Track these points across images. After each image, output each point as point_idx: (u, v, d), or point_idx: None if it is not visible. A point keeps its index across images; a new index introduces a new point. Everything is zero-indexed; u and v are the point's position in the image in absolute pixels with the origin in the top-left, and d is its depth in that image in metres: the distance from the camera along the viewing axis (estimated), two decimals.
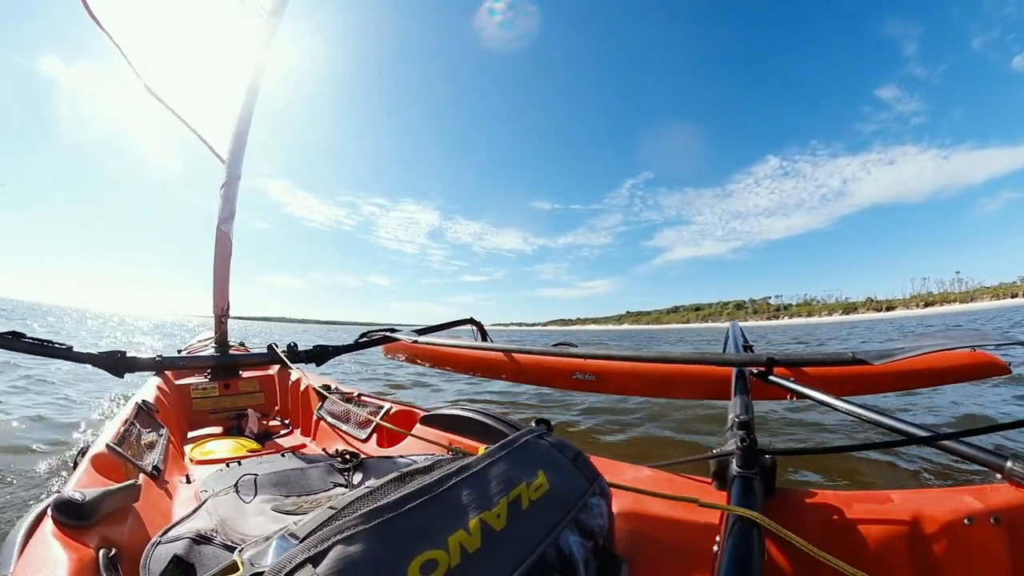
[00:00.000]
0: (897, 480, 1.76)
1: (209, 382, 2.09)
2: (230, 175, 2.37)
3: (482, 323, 3.22)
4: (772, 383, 1.13)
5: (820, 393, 0.95)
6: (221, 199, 2.36)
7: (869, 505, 0.66)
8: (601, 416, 2.93)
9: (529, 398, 3.51)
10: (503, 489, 0.49)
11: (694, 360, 1.42)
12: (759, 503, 0.63)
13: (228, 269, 2.41)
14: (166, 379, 1.97)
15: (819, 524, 0.65)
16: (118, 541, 0.61)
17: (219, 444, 1.51)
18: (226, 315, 2.43)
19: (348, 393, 1.63)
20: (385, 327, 2.91)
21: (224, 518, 0.66)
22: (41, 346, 1.87)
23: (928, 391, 3.00)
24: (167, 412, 1.57)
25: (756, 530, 0.56)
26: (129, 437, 1.06)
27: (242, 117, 2.40)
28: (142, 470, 0.97)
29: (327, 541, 0.37)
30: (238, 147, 2.39)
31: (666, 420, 2.75)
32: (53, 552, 0.52)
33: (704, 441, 2.38)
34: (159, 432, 1.24)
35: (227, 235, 2.36)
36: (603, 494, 0.60)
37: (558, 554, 0.48)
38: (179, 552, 0.57)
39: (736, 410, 0.93)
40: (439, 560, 0.39)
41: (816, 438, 2.28)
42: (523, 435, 0.61)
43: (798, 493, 0.71)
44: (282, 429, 1.84)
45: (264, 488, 0.83)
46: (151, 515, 0.79)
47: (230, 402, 2.07)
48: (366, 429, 1.41)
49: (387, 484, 0.47)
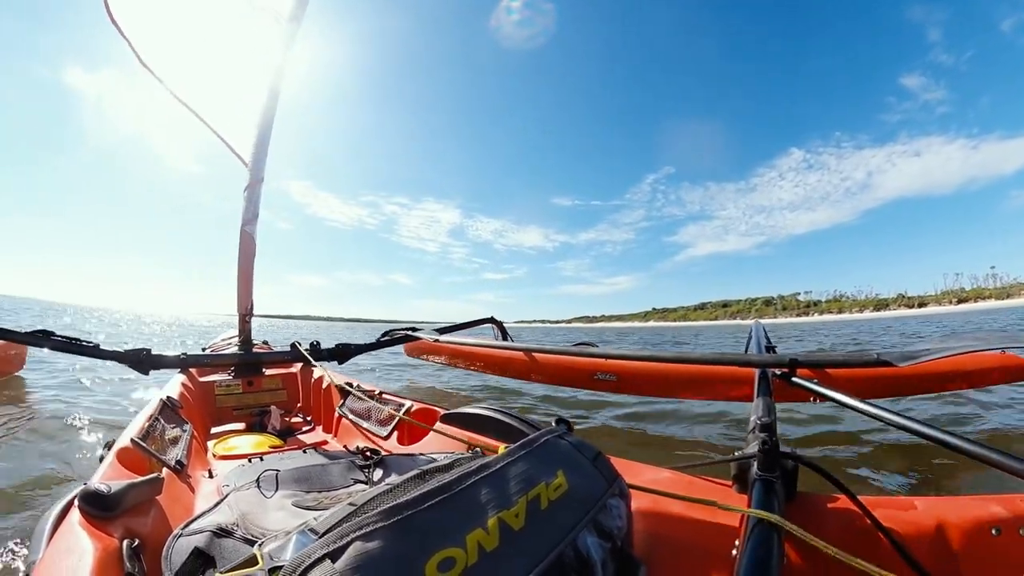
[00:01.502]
0: (921, 485, 1.70)
1: (233, 379, 2.13)
2: (253, 177, 2.42)
3: (502, 322, 3.23)
4: (795, 385, 1.11)
5: (844, 395, 0.92)
6: (244, 201, 2.40)
7: (892, 511, 0.64)
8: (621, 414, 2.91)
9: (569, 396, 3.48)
10: (522, 489, 0.49)
11: (716, 361, 1.40)
12: (780, 507, 0.62)
13: (252, 270, 2.46)
14: (190, 376, 2.01)
15: (840, 529, 0.64)
16: (141, 532, 0.62)
17: (242, 440, 1.53)
18: (250, 314, 2.48)
19: (370, 391, 1.64)
20: (407, 326, 2.94)
21: (245, 512, 0.66)
22: (69, 344, 1.95)
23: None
24: (191, 408, 1.60)
25: (776, 534, 0.55)
26: (153, 432, 1.08)
27: (264, 120, 2.44)
28: (165, 464, 0.99)
29: (346, 537, 0.37)
30: (260, 150, 2.44)
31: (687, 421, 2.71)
32: (79, 541, 0.53)
33: (725, 443, 2.33)
34: (183, 428, 1.27)
35: (251, 236, 2.40)
36: (622, 495, 0.59)
37: (576, 555, 0.48)
38: (200, 544, 0.58)
39: (758, 412, 0.92)
40: (457, 558, 0.39)
41: (838, 441, 2.22)
42: (543, 435, 0.61)
43: (820, 497, 0.70)
44: (304, 426, 1.87)
45: (285, 483, 0.84)
46: (174, 508, 0.81)
47: (253, 399, 2.10)
48: (387, 427, 1.42)
49: (407, 481, 0.48)
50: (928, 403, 2.76)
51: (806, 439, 2.30)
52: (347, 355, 2.55)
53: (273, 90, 2.43)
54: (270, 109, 2.45)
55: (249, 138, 2.46)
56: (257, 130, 2.44)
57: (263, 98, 2.44)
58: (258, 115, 2.45)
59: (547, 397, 3.51)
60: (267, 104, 2.43)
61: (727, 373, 1.87)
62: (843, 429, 2.36)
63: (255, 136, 2.44)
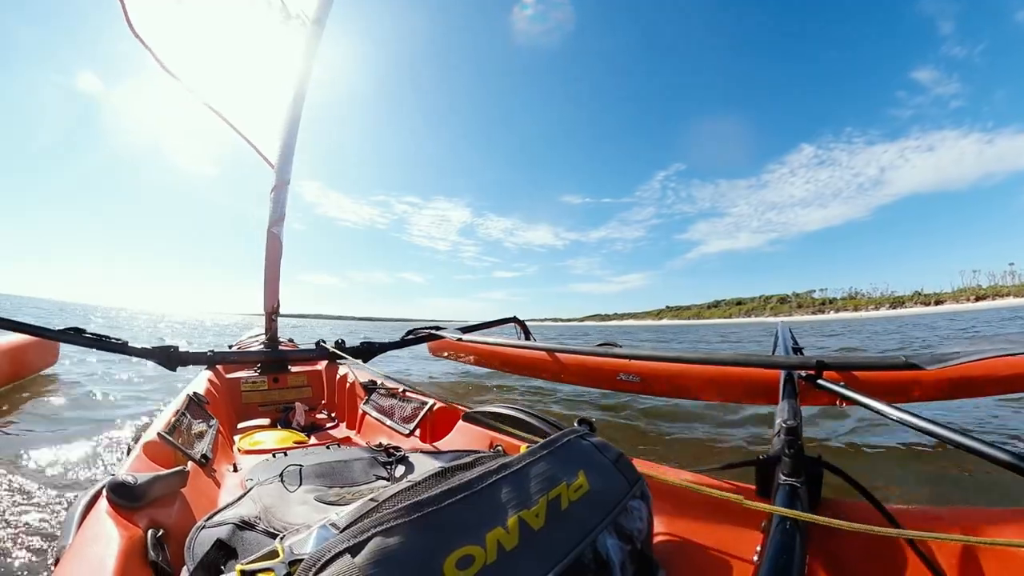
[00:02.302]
0: (951, 495, 1.63)
1: (259, 376, 2.17)
2: (279, 179, 2.47)
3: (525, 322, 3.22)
4: (821, 387, 1.09)
5: (871, 399, 0.90)
6: (271, 203, 2.46)
7: (920, 521, 0.62)
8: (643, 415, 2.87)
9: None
10: (543, 488, 0.49)
11: (741, 362, 1.37)
12: (803, 511, 0.60)
13: (278, 270, 2.51)
14: (217, 373, 2.06)
15: (865, 537, 0.61)
16: (166, 523, 0.64)
17: (266, 435, 1.56)
18: (276, 313, 2.53)
19: (393, 389, 1.66)
20: (430, 324, 2.96)
21: (268, 506, 0.67)
22: (99, 341, 2.02)
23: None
24: (217, 404, 1.64)
25: (799, 540, 0.54)
26: (180, 426, 1.11)
27: (290, 123, 2.49)
28: (191, 458, 1.01)
29: (367, 532, 0.37)
30: (287, 152, 2.49)
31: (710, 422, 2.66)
32: (106, 529, 0.56)
33: (749, 446, 2.28)
34: (209, 423, 1.30)
35: (277, 237, 2.45)
36: (644, 497, 0.59)
37: (595, 556, 0.48)
38: (222, 536, 0.59)
39: (784, 415, 0.90)
40: (476, 556, 0.39)
41: (864, 446, 2.14)
42: (565, 435, 0.61)
43: (844, 503, 0.69)
44: (328, 422, 1.89)
45: (308, 478, 0.85)
46: (198, 500, 0.83)
47: (279, 395, 2.14)
48: (410, 424, 1.42)
49: (428, 479, 0.48)
50: (982, 408, 2.64)
51: (831, 442, 2.22)
52: (372, 353, 2.58)
53: (298, 93, 2.48)
54: (295, 112, 2.50)
55: (275, 140, 2.51)
56: (283, 133, 2.49)
57: (288, 101, 2.49)
58: (284, 118, 2.50)
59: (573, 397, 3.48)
60: (292, 107, 2.48)
61: (752, 375, 1.83)
62: (870, 434, 2.28)
63: (281, 139, 2.49)
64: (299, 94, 2.48)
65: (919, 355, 1.03)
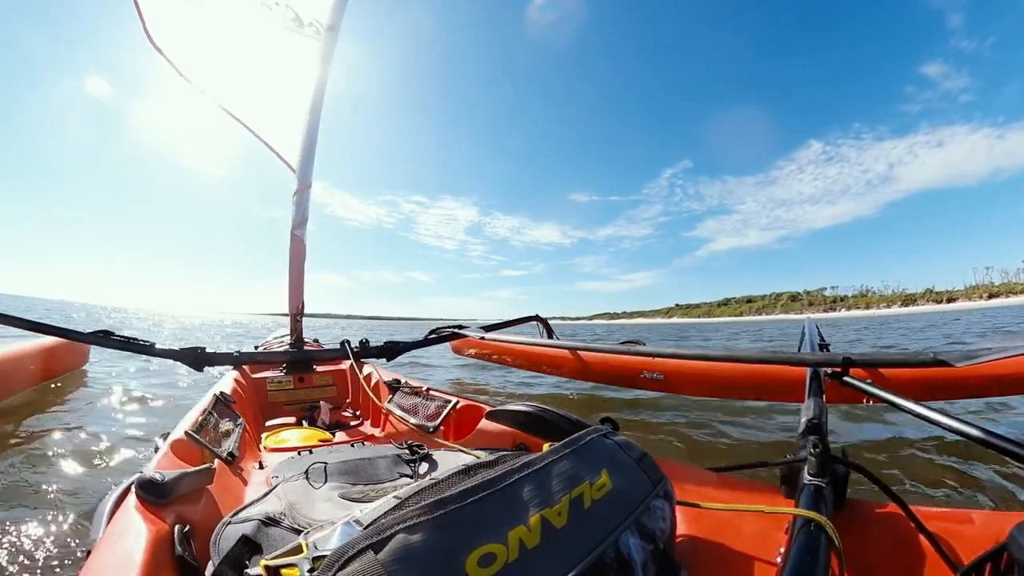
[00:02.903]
0: (981, 497, 1.55)
1: (284, 376, 2.21)
2: (300, 183, 2.51)
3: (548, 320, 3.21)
4: (848, 385, 1.06)
5: (898, 397, 0.87)
6: (293, 206, 2.51)
7: (947, 524, 0.60)
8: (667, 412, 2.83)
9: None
10: (565, 487, 0.49)
11: (766, 359, 1.35)
12: (828, 513, 0.59)
13: (303, 271, 2.55)
14: (243, 373, 2.10)
15: (891, 540, 0.61)
16: (192, 519, 0.66)
17: (292, 433, 1.58)
18: (301, 314, 2.57)
19: (417, 387, 1.67)
20: (454, 324, 2.98)
21: (293, 502, 0.68)
22: (127, 343, 2.09)
23: None
24: (243, 403, 1.67)
25: (823, 540, 0.53)
26: (207, 425, 1.14)
27: (309, 127, 2.53)
28: (217, 456, 1.03)
29: (390, 529, 0.37)
30: (307, 156, 2.53)
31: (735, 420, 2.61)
32: (135, 524, 0.58)
33: (774, 444, 2.23)
34: (235, 421, 1.32)
35: (300, 239, 2.50)
36: (667, 497, 0.58)
37: (617, 556, 0.47)
38: (248, 532, 0.60)
39: (809, 413, 0.89)
40: (497, 554, 0.39)
41: (891, 445, 2.07)
42: (588, 434, 0.60)
43: (870, 505, 0.68)
44: (353, 420, 1.92)
45: (333, 476, 0.86)
46: (224, 497, 0.85)
47: (304, 394, 2.18)
48: (433, 422, 1.43)
49: (451, 477, 0.48)
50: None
51: (857, 441, 2.16)
52: (395, 352, 2.61)
53: (316, 99, 2.52)
54: (314, 117, 2.54)
55: (295, 146, 2.56)
56: (303, 137, 2.54)
57: (306, 107, 2.53)
58: (303, 123, 2.54)
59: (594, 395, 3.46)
60: (311, 112, 2.53)
61: (778, 373, 1.79)
62: (898, 432, 2.20)
63: (301, 143, 2.53)
64: (317, 99, 2.52)
65: (948, 352, 1.00)
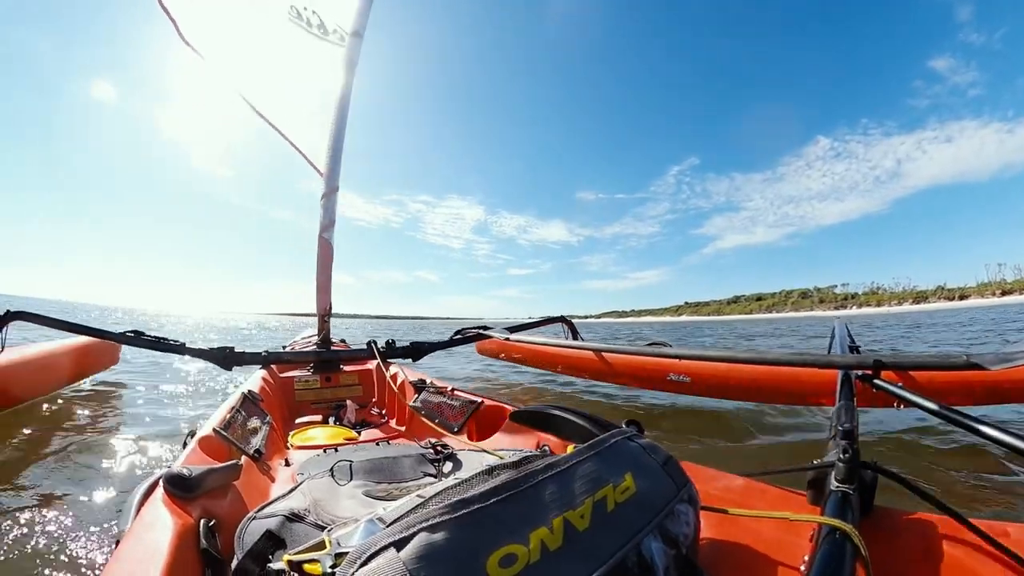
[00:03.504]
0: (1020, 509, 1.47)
1: (312, 375, 2.26)
2: (328, 187, 2.57)
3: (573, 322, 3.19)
4: (879, 388, 1.03)
5: (930, 402, 0.84)
6: (321, 209, 2.56)
7: (980, 536, 0.57)
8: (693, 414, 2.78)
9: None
10: (589, 489, 0.48)
11: (795, 362, 1.32)
12: (855, 520, 0.57)
13: (330, 273, 2.60)
14: (271, 372, 2.16)
15: (919, 551, 0.58)
16: (218, 513, 0.68)
17: (318, 432, 1.61)
18: (328, 315, 2.62)
19: (442, 387, 1.68)
20: (478, 324, 2.99)
21: (318, 499, 0.69)
22: (158, 343, 2.17)
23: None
24: (271, 402, 1.71)
25: (849, 549, 0.51)
26: (234, 423, 1.17)
27: (336, 132, 2.58)
28: (244, 452, 1.06)
29: (412, 528, 0.37)
30: (334, 160, 2.58)
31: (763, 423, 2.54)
32: (162, 516, 0.60)
33: (803, 448, 2.16)
34: (263, 419, 1.35)
35: (328, 242, 2.55)
36: (691, 501, 0.57)
37: (639, 560, 0.47)
38: (272, 527, 0.61)
39: (839, 417, 0.86)
40: (519, 555, 0.39)
41: (921, 451, 1.97)
42: (613, 436, 0.60)
43: (898, 513, 0.66)
44: (378, 420, 1.94)
45: (358, 474, 0.87)
46: (251, 493, 0.87)
47: (331, 393, 2.22)
48: (458, 422, 1.44)
49: (475, 477, 0.48)
50: None
51: (882, 446, 2.07)
52: (421, 353, 2.64)
53: (342, 103, 2.57)
54: (341, 122, 2.59)
55: (322, 150, 2.61)
56: (330, 142, 2.59)
57: (334, 111, 2.58)
58: (330, 128, 2.59)
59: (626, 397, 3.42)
60: (338, 117, 2.58)
61: (807, 375, 1.74)
62: (929, 437, 2.10)
63: (328, 148, 2.58)
64: (343, 105, 2.57)
65: (982, 354, 0.97)
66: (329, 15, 2.55)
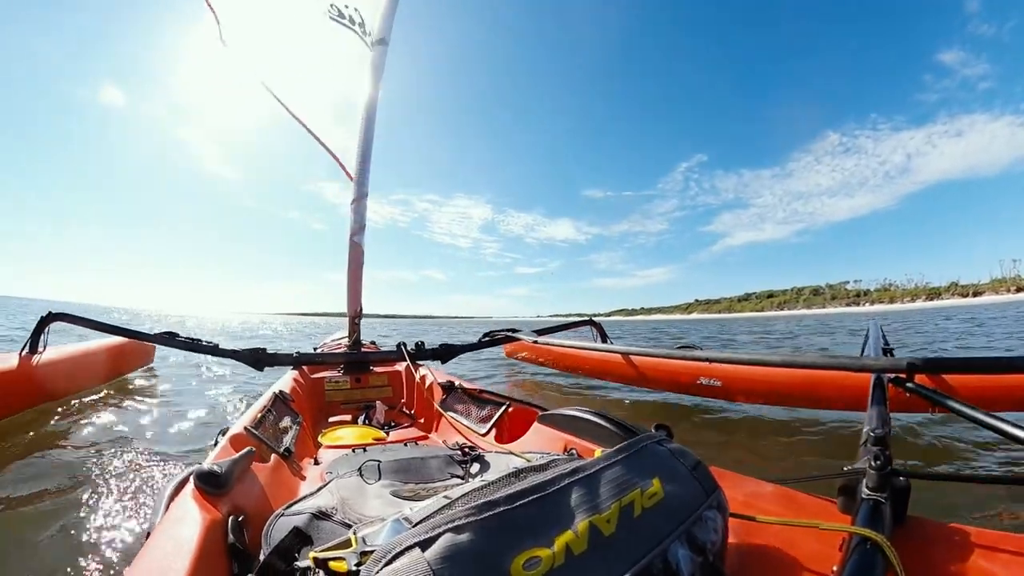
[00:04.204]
0: None
1: (342, 376, 2.31)
2: (357, 192, 2.62)
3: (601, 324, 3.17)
4: (913, 392, 0.99)
5: (968, 407, 0.80)
6: (351, 214, 2.62)
7: (1019, 552, 0.54)
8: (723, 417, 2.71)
9: None
10: (616, 494, 0.48)
11: (827, 365, 1.27)
12: (886, 530, 0.55)
13: (360, 276, 2.65)
14: (302, 373, 2.21)
15: (953, 563, 0.56)
16: (247, 510, 0.70)
17: (347, 432, 1.64)
18: (359, 317, 2.67)
19: (471, 389, 1.69)
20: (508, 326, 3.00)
21: (345, 498, 0.70)
22: (191, 344, 2.25)
23: None
24: (301, 402, 1.75)
25: (880, 559, 0.49)
26: (265, 422, 1.20)
27: (364, 138, 2.64)
28: (275, 451, 1.09)
29: (438, 528, 0.37)
30: (363, 166, 2.64)
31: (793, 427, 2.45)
32: (191, 512, 0.62)
33: (836, 454, 2.08)
34: (293, 419, 1.38)
35: (359, 246, 2.60)
36: (720, 508, 0.55)
37: (665, 567, 0.46)
38: (299, 524, 0.63)
39: (871, 423, 0.83)
40: (543, 558, 0.38)
41: (954, 458, 1.85)
42: (641, 440, 0.58)
43: (932, 524, 0.64)
44: (407, 421, 1.96)
45: (386, 474, 0.88)
46: (279, 491, 0.89)
47: (360, 394, 2.26)
48: (486, 424, 1.44)
49: (501, 479, 0.48)
50: None
51: (917, 453, 1.97)
52: (450, 355, 2.66)
53: (370, 110, 2.62)
54: (369, 128, 2.64)
55: (351, 156, 2.66)
56: (358, 148, 2.64)
57: (362, 118, 2.63)
58: (359, 133, 2.64)
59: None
60: (366, 123, 2.63)
61: (839, 379, 1.68)
62: (965, 444, 1.98)
63: (357, 154, 2.64)
64: (370, 111, 2.62)
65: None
66: (367, 15, 2.60)
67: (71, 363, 2.46)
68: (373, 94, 2.62)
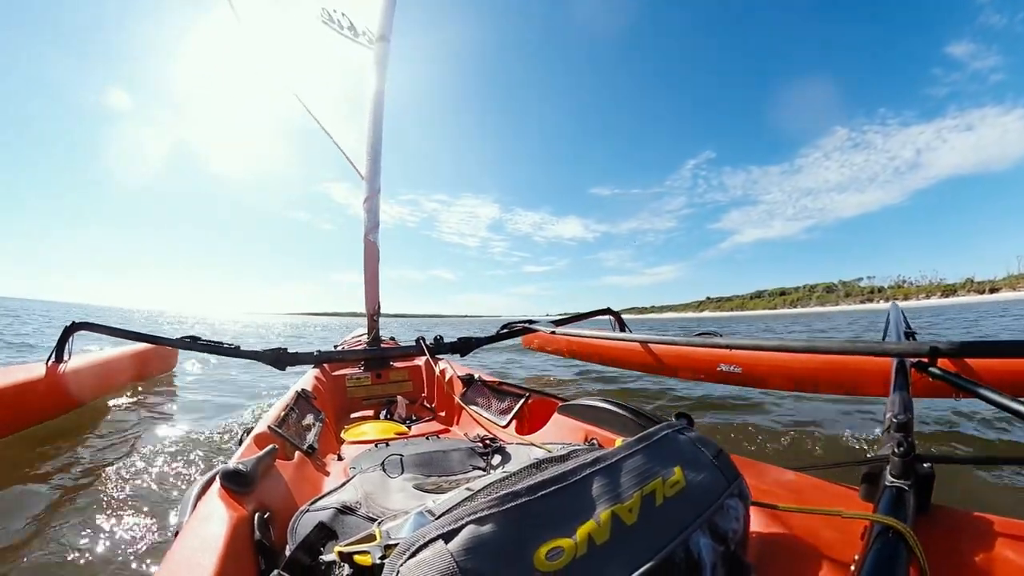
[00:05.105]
0: None
1: (363, 372, 2.34)
2: (370, 190, 2.63)
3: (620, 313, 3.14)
4: (936, 377, 0.96)
5: (993, 392, 0.77)
6: (365, 212, 2.63)
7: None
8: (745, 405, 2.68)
9: None
10: (637, 483, 0.48)
11: (848, 350, 1.24)
12: (910, 518, 0.54)
13: (377, 274, 2.67)
14: (323, 371, 2.24)
15: (979, 554, 0.54)
16: (272, 506, 0.71)
17: (370, 427, 1.66)
18: (377, 314, 2.69)
19: (490, 382, 1.70)
20: (525, 319, 3.00)
21: (369, 492, 0.72)
22: (213, 347, 2.28)
23: None
24: (324, 399, 1.78)
25: (902, 549, 0.49)
26: (288, 420, 1.22)
27: (373, 136, 2.64)
28: (299, 448, 1.11)
29: (461, 520, 0.38)
30: (374, 164, 2.65)
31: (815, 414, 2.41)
32: (218, 510, 0.64)
33: (859, 440, 2.04)
34: (316, 416, 1.41)
35: (374, 244, 2.61)
36: (741, 496, 0.55)
37: (687, 556, 0.46)
38: (324, 519, 0.64)
39: (894, 409, 0.81)
40: (566, 548, 0.39)
41: (979, 445, 1.79)
42: (662, 429, 0.58)
43: (957, 513, 0.63)
44: (428, 415, 1.98)
45: (408, 468, 0.89)
46: (304, 487, 0.91)
47: (381, 390, 2.29)
48: (506, 416, 1.45)
49: (523, 470, 0.48)
50: None
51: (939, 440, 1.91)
52: (468, 348, 2.67)
53: (377, 106, 2.62)
54: (378, 126, 2.64)
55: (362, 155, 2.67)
56: (368, 146, 2.65)
57: (369, 115, 2.64)
58: (367, 131, 2.65)
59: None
60: (374, 122, 2.63)
61: (861, 364, 1.64)
62: (990, 431, 1.92)
63: (367, 151, 2.64)
64: (377, 107, 2.62)
65: None
66: (358, 17, 2.60)
67: (96, 370, 2.52)
68: (379, 91, 2.62)
